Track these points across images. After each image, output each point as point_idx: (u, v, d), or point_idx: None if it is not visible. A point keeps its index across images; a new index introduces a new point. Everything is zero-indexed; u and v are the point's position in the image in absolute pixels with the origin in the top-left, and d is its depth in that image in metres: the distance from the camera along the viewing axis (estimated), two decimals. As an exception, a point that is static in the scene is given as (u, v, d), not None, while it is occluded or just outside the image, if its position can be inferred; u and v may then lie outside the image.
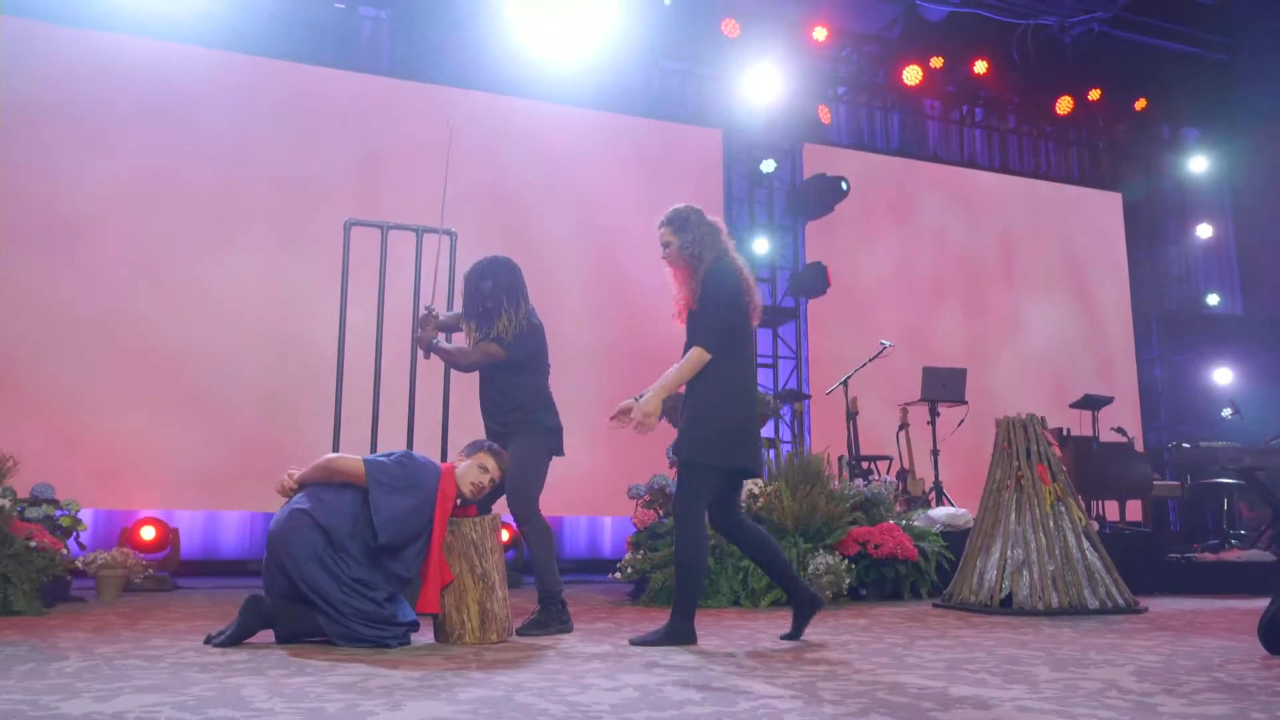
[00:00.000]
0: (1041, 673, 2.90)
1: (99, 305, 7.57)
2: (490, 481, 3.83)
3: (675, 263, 3.72)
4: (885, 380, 8.65)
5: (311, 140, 8.43)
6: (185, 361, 7.72)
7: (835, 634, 3.99)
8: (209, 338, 7.80)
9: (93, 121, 7.73)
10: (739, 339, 3.67)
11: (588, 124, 9.33)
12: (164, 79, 8.00)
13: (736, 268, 3.69)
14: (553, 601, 4.02)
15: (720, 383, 3.58)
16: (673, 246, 3.72)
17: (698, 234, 3.68)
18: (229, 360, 7.82)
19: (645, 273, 9.21)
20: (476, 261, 4.41)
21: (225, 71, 8.24)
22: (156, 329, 7.69)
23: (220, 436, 7.69)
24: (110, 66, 7.84)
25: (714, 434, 3.55)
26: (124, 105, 7.85)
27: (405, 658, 3.16)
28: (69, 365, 7.40)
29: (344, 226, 5.14)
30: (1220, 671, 2.94)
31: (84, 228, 7.62)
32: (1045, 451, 5.27)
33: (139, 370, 7.57)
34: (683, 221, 3.73)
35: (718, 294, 3.59)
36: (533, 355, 4.33)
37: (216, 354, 7.80)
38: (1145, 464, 7.93)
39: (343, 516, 3.52)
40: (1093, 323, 11.32)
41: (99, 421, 7.37)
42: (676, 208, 3.80)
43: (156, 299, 7.73)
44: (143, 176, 7.83)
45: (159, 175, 7.89)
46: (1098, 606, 4.92)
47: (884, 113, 11.00)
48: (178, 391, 7.67)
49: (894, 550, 5.70)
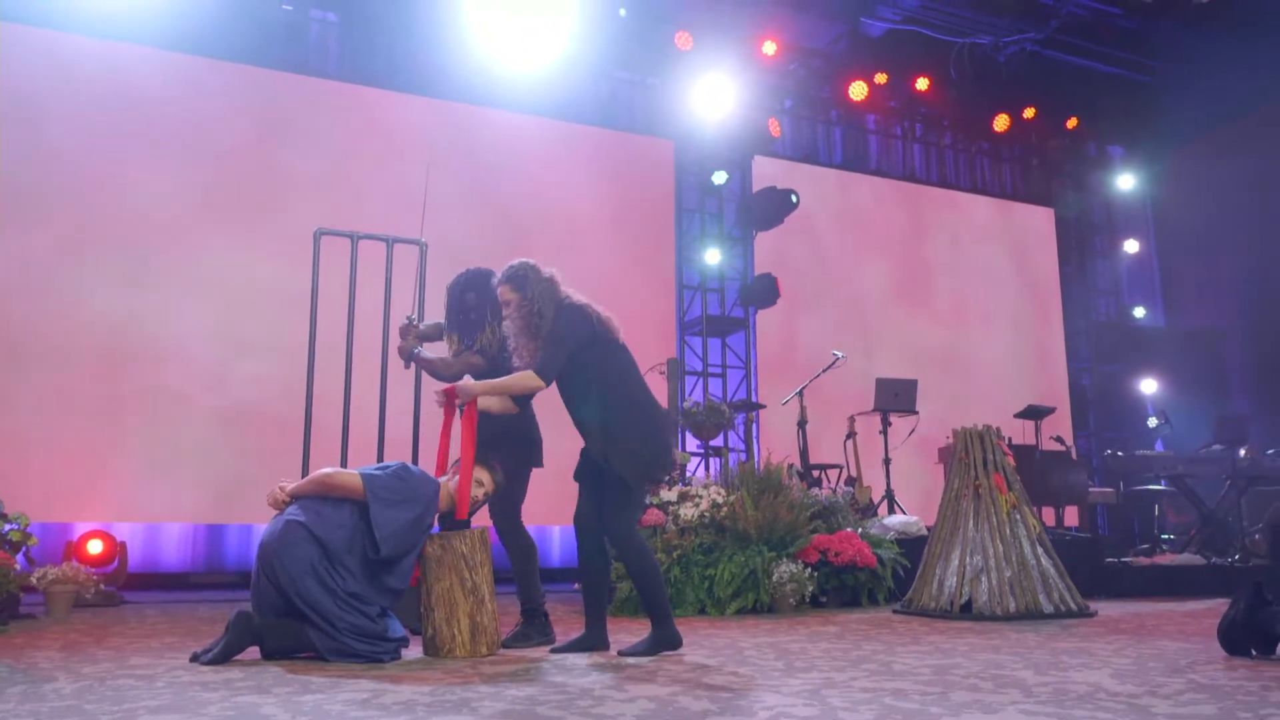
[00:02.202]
0: (1027, 677, 3.03)
1: (41, 311, 7.35)
2: (484, 494, 3.85)
3: (516, 320, 3.80)
4: (833, 390, 8.82)
5: (260, 144, 8.29)
6: (131, 369, 7.54)
7: (813, 641, 4.09)
8: (157, 345, 7.63)
9: (39, 122, 7.51)
10: (617, 360, 3.82)
11: (540, 132, 9.34)
12: (110, 79, 7.81)
13: (579, 306, 3.83)
14: (535, 614, 4.04)
15: (633, 407, 3.75)
16: (513, 304, 3.81)
17: (536, 290, 3.77)
18: (177, 368, 7.65)
19: (599, 282, 9.25)
20: (460, 273, 4.42)
21: (171, 72, 8.07)
22: (103, 336, 7.49)
23: (167, 446, 7.53)
24: (56, 66, 7.63)
25: (650, 454, 3.70)
26: (70, 106, 7.64)
27: (404, 673, 3.16)
28: (6, 373, 7.17)
29: (314, 236, 5.08)
30: (1192, 673, 3.10)
31: (30, 231, 7.39)
32: (1001, 461, 5.47)
33: (83, 378, 7.37)
34: (521, 280, 3.81)
35: (569, 332, 3.72)
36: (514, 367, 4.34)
37: (165, 362, 7.63)
38: (1082, 471, 8.24)
39: (340, 529, 3.49)
40: (1027, 334, 11.69)
41: (41, 431, 7.16)
42: (513, 265, 3.88)
43: (102, 304, 7.53)
44: (91, 178, 7.64)
45: (108, 177, 7.70)
46: (1052, 610, 5.12)
47: (828, 127, 11.22)
48: (123, 401, 7.49)
49: (854, 558, 5.83)
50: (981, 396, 10.75)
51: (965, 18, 11.12)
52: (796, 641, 4.10)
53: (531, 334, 3.75)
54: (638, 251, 9.43)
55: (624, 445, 3.67)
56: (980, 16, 11.12)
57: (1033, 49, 11.58)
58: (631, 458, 3.66)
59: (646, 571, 3.71)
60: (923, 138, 11.78)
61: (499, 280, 3.89)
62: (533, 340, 3.75)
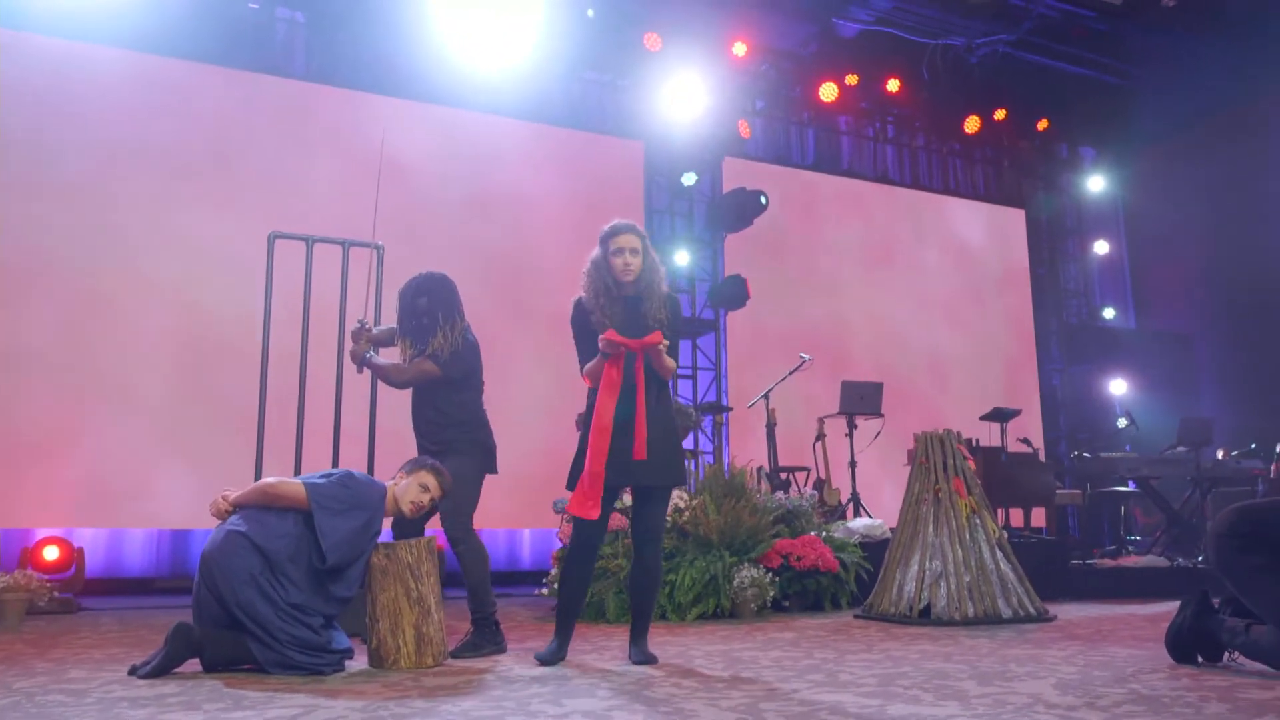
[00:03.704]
0: (970, 688, 3.02)
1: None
2: (430, 500, 3.82)
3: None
4: (803, 392, 8.83)
5: (223, 145, 8.21)
6: (91, 373, 7.45)
7: (765, 649, 4.07)
8: (116, 348, 7.54)
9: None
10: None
11: (509, 133, 9.29)
12: (71, 79, 7.71)
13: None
14: (487, 623, 4.01)
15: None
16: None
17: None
18: (139, 373, 7.57)
19: (569, 283, 9.22)
20: (412, 277, 4.38)
21: (135, 72, 7.97)
22: (61, 338, 7.40)
23: (127, 451, 7.45)
24: (14, 65, 7.52)
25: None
26: (28, 106, 7.53)
27: (343, 686, 3.12)
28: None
29: (268, 239, 5.03)
30: (1135, 683, 3.09)
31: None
32: (961, 465, 5.47)
33: (42, 382, 7.27)
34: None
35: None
36: (469, 373, 4.32)
37: (125, 366, 7.54)
38: (1049, 473, 8.26)
39: (283, 539, 3.45)
40: (999, 336, 11.73)
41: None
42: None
43: (56, 307, 7.43)
44: (46, 179, 7.53)
45: (65, 178, 7.59)
46: (1011, 615, 5.12)
47: (800, 128, 11.21)
48: (84, 405, 7.39)
49: (816, 562, 5.82)
50: (953, 398, 10.79)
51: (938, 19, 11.13)
52: (750, 649, 4.08)
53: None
54: (608, 253, 9.38)
55: (676, 448, 3.91)
56: (953, 18, 11.13)
57: (1005, 51, 11.60)
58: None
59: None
60: (895, 139, 11.79)
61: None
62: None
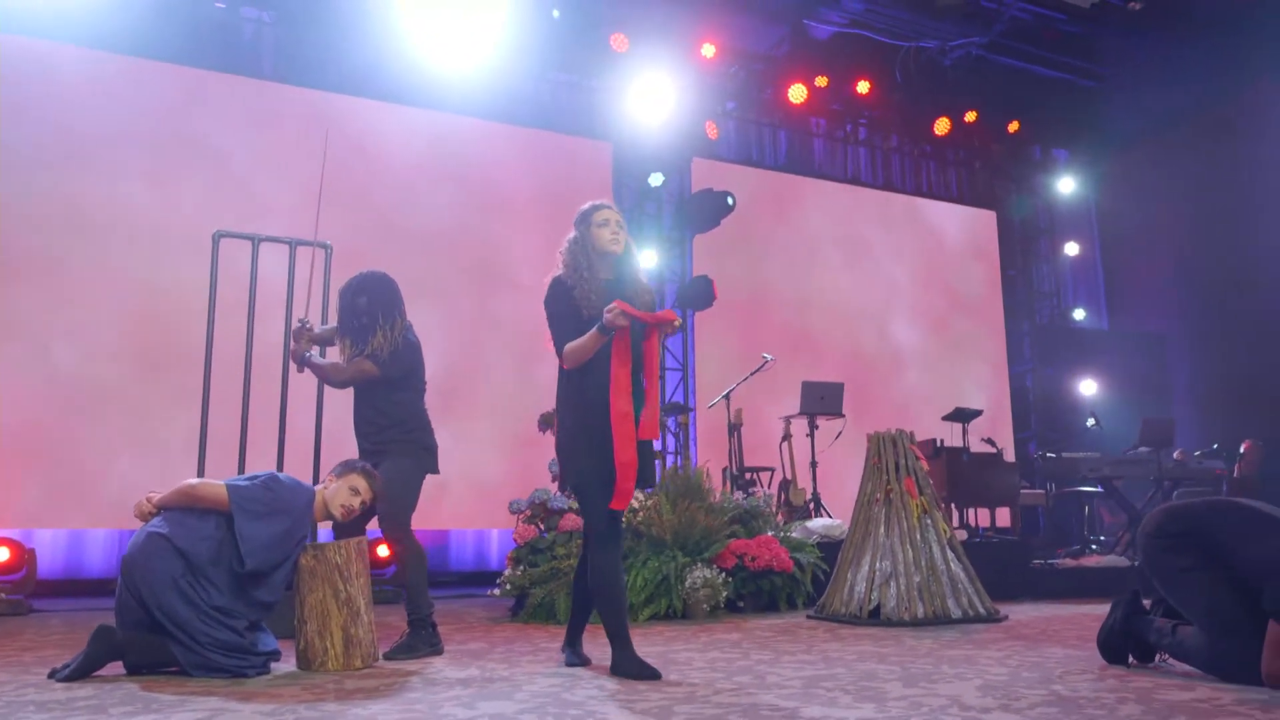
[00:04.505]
0: (893, 689, 3.00)
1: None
2: (361, 504, 3.78)
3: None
4: (770, 392, 8.82)
5: (186, 144, 8.16)
6: (50, 372, 7.38)
7: (704, 651, 4.05)
8: (71, 347, 7.48)
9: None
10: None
11: (478, 133, 9.27)
12: (33, 78, 7.64)
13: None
14: (423, 625, 3.97)
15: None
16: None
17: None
18: (93, 372, 7.51)
19: (535, 285, 9.19)
20: (352, 276, 4.36)
21: (101, 72, 7.91)
22: (16, 337, 7.33)
23: (84, 452, 7.38)
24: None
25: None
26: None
27: (262, 689, 3.08)
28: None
29: (212, 238, 4.99)
30: (1059, 684, 3.08)
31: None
32: (913, 466, 5.45)
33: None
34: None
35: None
36: (408, 373, 4.28)
37: (80, 364, 7.48)
38: (1013, 473, 8.26)
39: (205, 541, 3.41)
40: (970, 336, 11.74)
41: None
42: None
43: (13, 306, 7.37)
44: (4, 177, 7.46)
45: (22, 176, 7.53)
46: (960, 616, 5.11)
47: (772, 129, 11.21)
48: (41, 405, 7.33)
49: (770, 562, 5.80)
50: (924, 399, 10.79)
51: (910, 21, 11.13)
52: (689, 651, 4.05)
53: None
54: (575, 253, 9.35)
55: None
56: (925, 20, 11.12)
57: (978, 53, 11.62)
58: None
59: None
60: (867, 140, 11.79)
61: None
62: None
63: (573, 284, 3.52)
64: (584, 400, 3.42)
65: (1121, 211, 12.44)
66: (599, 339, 3.34)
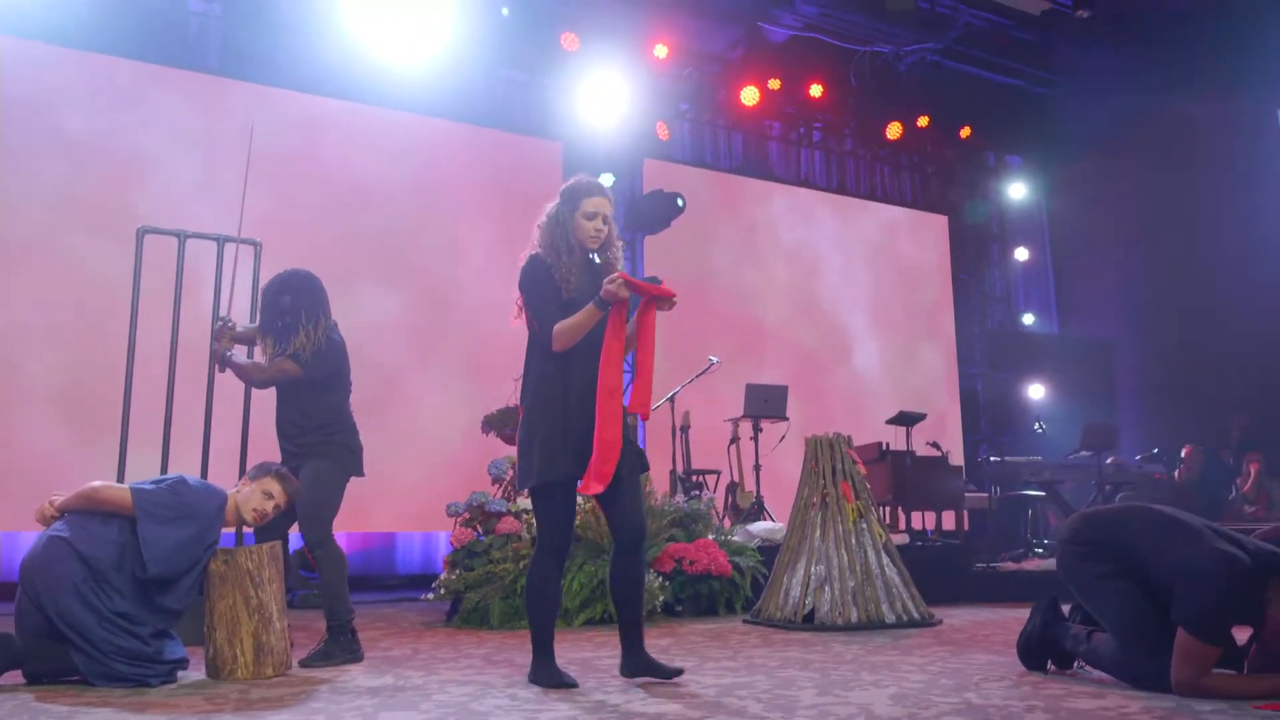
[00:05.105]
0: (805, 697, 2.97)
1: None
2: (275, 508, 3.69)
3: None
4: (716, 395, 8.79)
5: (127, 138, 7.99)
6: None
7: (630, 657, 3.99)
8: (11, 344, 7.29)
9: None
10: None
11: (426, 131, 9.16)
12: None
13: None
14: (341, 631, 3.89)
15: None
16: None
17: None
18: (5, 368, 7.30)
19: (484, 284, 9.12)
20: (275, 275, 4.28)
21: (43, 65, 7.71)
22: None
23: (10, 451, 7.19)
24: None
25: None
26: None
27: (160, 699, 3.00)
28: None
29: (136, 234, 4.87)
30: (972, 692, 3.07)
31: None
32: (850, 470, 5.44)
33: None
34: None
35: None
36: (332, 374, 4.20)
37: (10, 358, 7.29)
38: (958, 477, 8.31)
39: (108, 546, 3.31)
40: (921, 340, 11.80)
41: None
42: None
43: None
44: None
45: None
46: (894, 620, 5.10)
47: (726, 132, 11.20)
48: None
49: (709, 567, 5.77)
50: (875, 402, 10.80)
51: (865, 25, 11.16)
52: (615, 658, 3.98)
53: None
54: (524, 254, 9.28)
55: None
56: (880, 25, 11.16)
57: (933, 59, 11.69)
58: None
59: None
60: (822, 144, 11.82)
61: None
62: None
63: (551, 262, 3.29)
64: (566, 385, 3.20)
65: (1072, 218, 12.56)
66: (595, 314, 3.14)
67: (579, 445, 3.18)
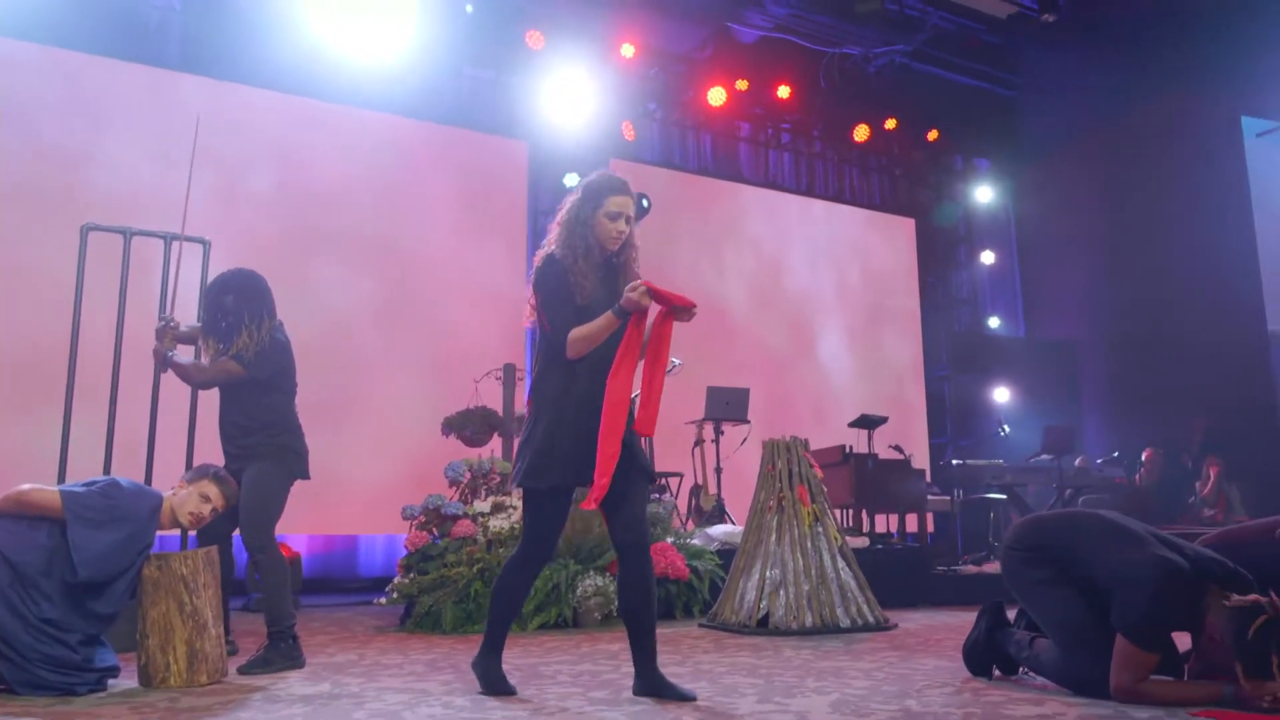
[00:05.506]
0: (745, 705, 2.94)
1: None
2: (212, 511, 3.62)
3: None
4: (679, 397, 8.74)
5: (82, 132, 7.86)
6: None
7: (578, 663, 3.96)
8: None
9: None
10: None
11: (390, 129, 9.08)
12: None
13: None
14: (283, 637, 3.82)
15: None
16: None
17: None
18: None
19: (447, 284, 9.05)
20: (218, 274, 4.21)
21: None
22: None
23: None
24: None
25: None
26: None
27: (86, 709, 2.92)
28: None
29: (80, 231, 4.77)
30: (913, 698, 3.04)
31: None
32: (806, 473, 5.42)
33: None
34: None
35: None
36: (276, 374, 4.13)
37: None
38: (920, 480, 8.30)
39: (36, 550, 3.23)
40: (888, 342, 11.82)
41: None
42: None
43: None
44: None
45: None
46: (849, 624, 5.08)
47: (695, 132, 11.17)
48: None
49: (665, 570, 5.74)
50: (841, 405, 10.81)
51: (834, 27, 11.17)
52: (563, 663, 3.96)
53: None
54: (489, 253, 9.21)
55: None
56: (848, 27, 11.17)
57: (902, 61, 11.71)
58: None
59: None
60: (791, 145, 11.82)
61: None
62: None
63: (568, 264, 3.12)
64: (569, 391, 3.07)
65: (1038, 220, 12.62)
66: (613, 323, 3.01)
67: (573, 454, 3.04)
